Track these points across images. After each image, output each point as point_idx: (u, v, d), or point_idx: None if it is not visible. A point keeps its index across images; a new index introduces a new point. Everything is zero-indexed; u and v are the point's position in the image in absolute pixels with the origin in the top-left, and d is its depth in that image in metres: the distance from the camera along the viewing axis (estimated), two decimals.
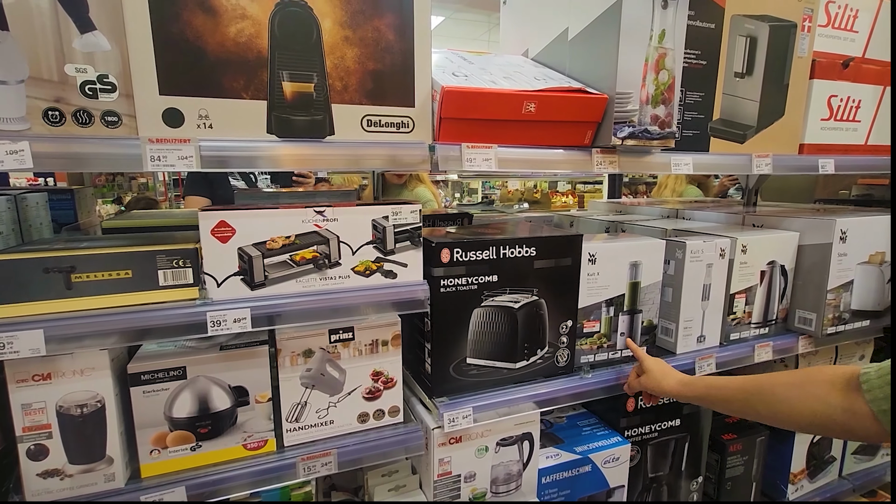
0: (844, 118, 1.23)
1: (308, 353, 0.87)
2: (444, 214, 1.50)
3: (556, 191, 6.85)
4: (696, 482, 1.30)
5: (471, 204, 7.36)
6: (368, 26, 0.78)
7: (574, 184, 6.84)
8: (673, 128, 0.94)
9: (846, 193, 2.35)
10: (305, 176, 2.09)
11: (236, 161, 0.73)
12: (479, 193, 8.69)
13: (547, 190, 6.56)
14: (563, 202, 6.14)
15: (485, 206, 6.87)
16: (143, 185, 7.31)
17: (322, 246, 0.83)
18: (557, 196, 6.49)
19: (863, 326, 1.31)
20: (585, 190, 6.42)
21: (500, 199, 6.66)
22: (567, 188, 6.92)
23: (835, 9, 1.19)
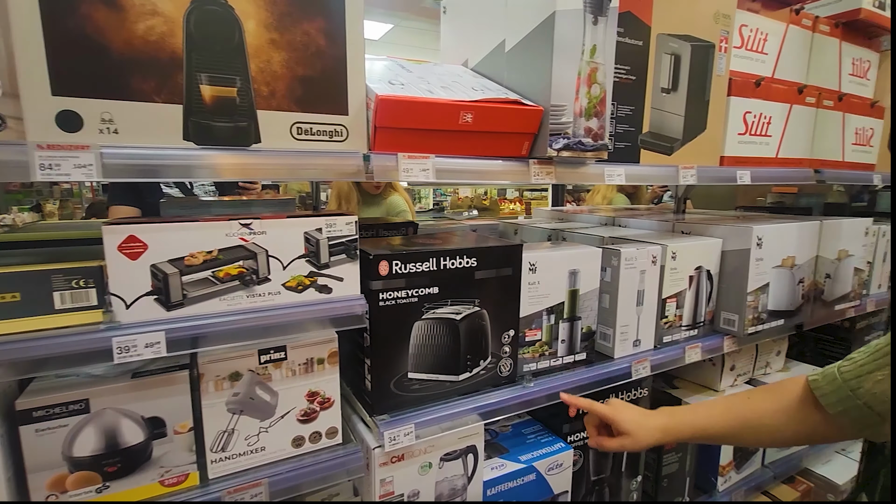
0: (758, 133, 1.33)
1: (235, 375, 0.81)
2: (387, 224, 1.47)
3: (505, 198, 7.00)
4: (636, 481, 1.35)
5: (422, 211, 7.35)
6: (297, 30, 0.74)
7: (522, 191, 7.02)
8: (605, 140, 0.97)
9: (763, 200, 2.56)
10: (252, 183, 1.98)
11: (148, 171, 0.67)
12: (431, 200, 8.71)
13: (496, 197, 6.68)
14: (511, 209, 6.27)
15: (435, 214, 6.89)
16: (66, 191, 6.68)
17: (249, 261, 0.78)
18: (506, 203, 6.63)
19: (779, 325, 1.42)
20: (532, 197, 6.61)
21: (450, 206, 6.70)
22: (515, 195, 7.09)
23: (747, 32, 1.29)
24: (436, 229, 1.71)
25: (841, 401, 0.73)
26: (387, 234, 1.42)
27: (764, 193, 2.56)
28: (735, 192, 2.62)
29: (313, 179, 0.80)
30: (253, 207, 1.44)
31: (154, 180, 0.68)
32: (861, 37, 1.55)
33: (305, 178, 0.78)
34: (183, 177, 0.68)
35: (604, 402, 1.00)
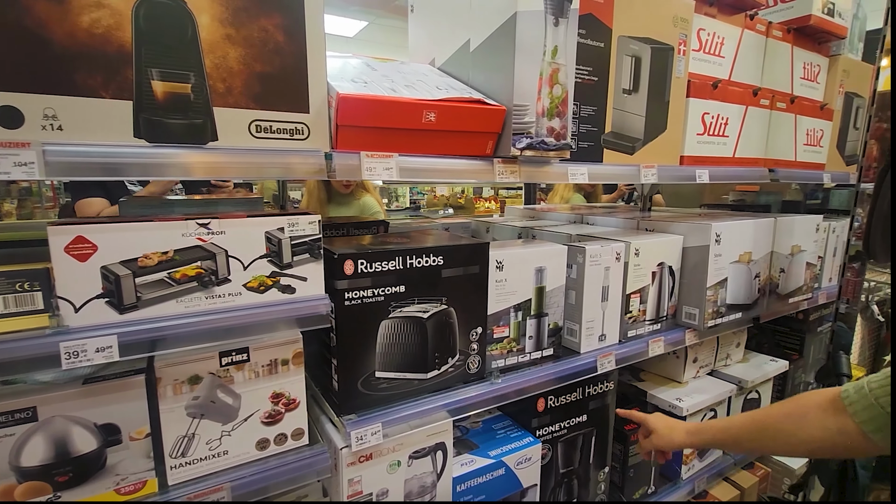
0: (716, 133, 1.38)
1: (195, 379, 0.79)
2: (358, 223, 1.46)
3: (480, 197, 7.04)
4: (604, 472, 1.38)
5: (398, 210, 7.32)
6: (254, 25, 0.73)
7: (497, 190, 7.07)
8: (568, 139, 0.99)
9: (726, 198, 2.66)
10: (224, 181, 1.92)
11: (95, 169, 0.64)
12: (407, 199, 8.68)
13: (471, 196, 6.71)
14: (486, 207, 6.31)
15: (411, 212, 6.87)
16: (24, 189, 6.34)
17: (207, 261, 0.76)
18: (481, 202, 6.67)
19: (737, 318, 1.47)
20: (507, 196, 6.67)
21: (426, 205, 6.69)
22: (490, 194, 7.14)
23: (705, 35, 1.33)
24: (406, 228, 1.71)
25: (866, 409, 0.74)
26: (357, 233, 1.41)
27: (727, 192, 2.66)
28: (702, 190, 2.71)
29: (274, 178, 0.78)
30: (220, 207, 1.40)
31: (102, 178, 0.66)
32: (811, 42, 1.63)
33: (265, 177, 0.76)
34: (134, 175, 0.66)
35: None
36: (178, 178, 0.77)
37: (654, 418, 1.16)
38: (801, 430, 0.84)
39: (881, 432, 0.72)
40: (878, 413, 0.72)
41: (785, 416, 0.88)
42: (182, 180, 1.92)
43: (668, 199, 2.97)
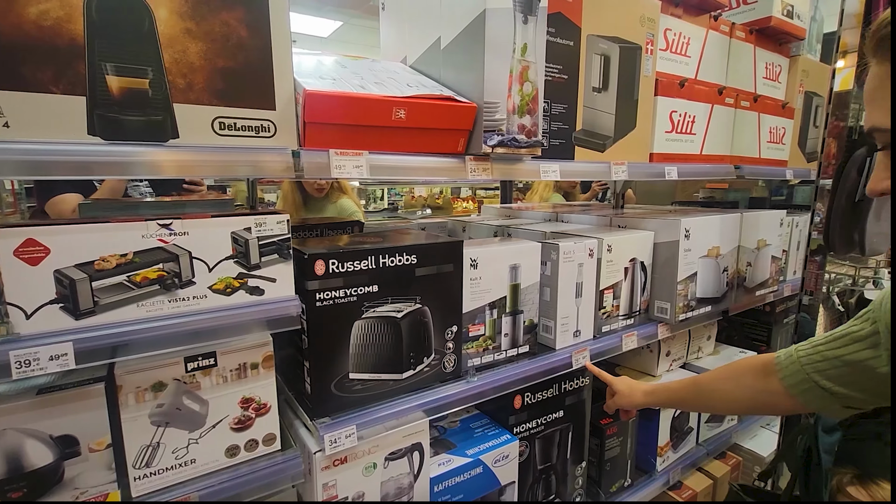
0: (683, 131, 1.41)
1: (158, 386, 0.76)
2: (332, 223, 1.45)
3: (459, 197, 7.05)
4: (581, 467, 1.40)
5: (376, 211, 7.26)
6: (215, 20, 0.71)
7: (475, 190, 7.09)
8: (539, 137, 0.99)
9: (697, 196, 2.74)
10: (197, 183, 1.86)
11: (46, 167, 0.61)
12: (386, 200, 8.62)
13: (450, 196, 6.71)
14: (464, 207, 6.33)
15: (390, 213, 6.83)
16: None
17: (170, 263, 0.73)
18: (459, 202, 6.68)
19: (707, 311, 1.51)
20: (485, 195, 6.70)
21: (404, 205, 6.66)
22: (469, 194, 7.16)
23: (671, 35, 1.36)
24: (382, 228, 1.70)
25: (794, 373, 0.83)
26: (331, 233, 1.39)
27: (698, 189, 2.73)
28: (674, 188, 2.77)
29: (239, 177, 0.76)
30: (188, 208, 1.37)
31: (53, 178, 0.63)
32: (773, 43, 1.68)
33: (230, 175, 0.74)
34: (89, 174, 0.63)
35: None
36: (137, 178, 0.74)
37: (618, 381, 1.26)
38: (735, 389, 0.95)
39: (804, 395, 0.82)
40: (803, 377, 0.82)
41: (722, 378, 0.99)
42: (152, 183, 1.86)
43: (641, 197, 3.04)
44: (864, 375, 0.74)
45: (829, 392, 0.78)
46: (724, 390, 0.98)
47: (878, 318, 0.72)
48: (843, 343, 0.77)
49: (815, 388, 0.80)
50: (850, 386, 0.76)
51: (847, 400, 0.77)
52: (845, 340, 0.77)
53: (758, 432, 2.01)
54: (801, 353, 0.83)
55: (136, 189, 2.01)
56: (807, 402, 0.82)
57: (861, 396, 0.76)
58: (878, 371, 0.72)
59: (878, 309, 0.72)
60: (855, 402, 0.77)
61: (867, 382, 0.74)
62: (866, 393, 0.75)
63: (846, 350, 0.76)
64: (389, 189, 8.45)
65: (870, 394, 0.75)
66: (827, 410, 0.81)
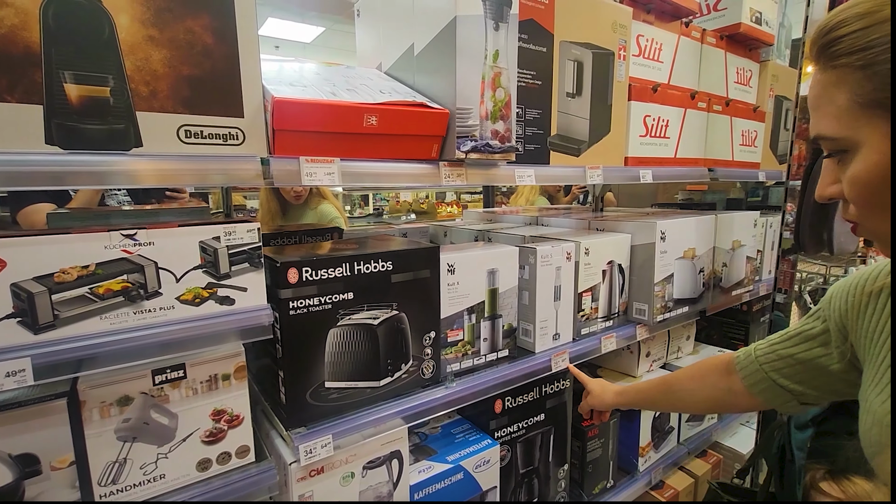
0: (657, 135, 1.43)
1: (124, 400, 0.74)
2: (311, 230, 1.43)
3: (443, 201, 7.06)
4: (563, 469, 1.40)
5: (361, 216, 7.24)
6: (179, 27, 0.70)
7: (459, 194, 7.12)
8: (513, 142, 1.00)
9: (677, 197, 2.78)
10: (179, 191, 1.82)
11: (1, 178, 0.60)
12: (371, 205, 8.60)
13: (434, 200, 6.72)
14: (448, 212, 6.34)
15: (375, 219, 6.80)
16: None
17: (135, 275, 0.72)
18: (444, 206, 6.69)
19: (684, 312, 1.53)
20: (470, 199, 6.73)
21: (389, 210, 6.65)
22: (453, 198, 7.18)
23: (644, 41, 1.39)
24: (361, 234, 1.69)
25: (753, 373, 0.84)
26: (310, 240, 1.38)
27: (678, 191, 2.78)
28: (654, 190, 2.82)
29: (207, 185, 0.75)
30: (161, 217, 1.34)
31: (9, 189, 0.61)
32: (743, 48, 1.72)
33: (197, 183, 0.73)
34: (46, 184, 0.61)
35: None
36: (99, 187, 0.72)
37: (592, 382, 1.30)
38: (700, 389, 0.96)
39: (764, 394, 0.83)
40: (762, 376, 0.83)
41: (688, 378, 1.01)
42: (132, 192, 1.83)
43: (621, 199, 3.08)
44: (816, 373, 0.76)
45: (785, 389, 0.80)
46: (689, 390, 0.99)
47: (828, 315, 0.74)
48: (796, 342, 0.79)
49: (773, 386, 0.81)
50: (804, 383, 0.78)
51: (802, 396, 0.79)
52: (798, 339, 0.78)
53: (738, 430, 2.05)
54: (759, 352, 0.85)
55: (113, 198, 1.97)
56: (766, 399, 0.83)
57: (815, 393, 0.78)
58: (829, 369, 0.74)
59: (828, 307, 0.74)
60: (810, 399, 0.79)
61: (819, 379, 0.76)
62: (819, 390, 0.77)
63: (799, 349, 0.78)
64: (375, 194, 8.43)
65: (822, 391, 0.77)
66: (785, 407, 0.82)
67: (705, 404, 0.98)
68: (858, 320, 0.66)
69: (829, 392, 0.76)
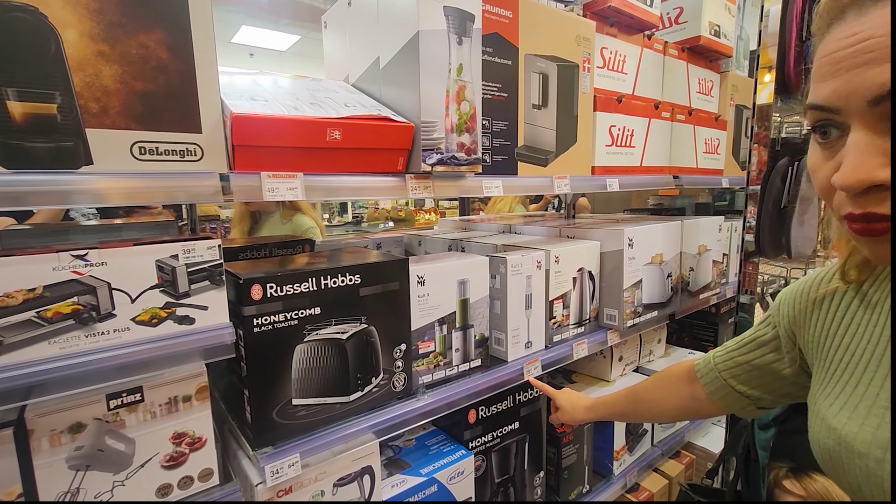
0: (623, 144, 1.47)
1: (77, 427, 0.71)
2: (282, 242, 1.41)
3: (421, 209, 7.07)
4: (539, 477, 1.41)
5: (340, 225, 7.17)
6: (131, 42, 0.68)
7: (437, 202, 7.14)
8: (479, 154, 1.01)
9: (649, 202, 2.85)
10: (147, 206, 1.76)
11: None
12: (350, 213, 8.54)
13: (412, 208, 6.72)
14: (426, 219, 6.34)
15: (353, 227, 6.75)
16: None
17: (86, 296, 0.69)
18: (421, 214, 6.69)
19: (654, 316, 1.57)
20: (447, 207, 6.75)
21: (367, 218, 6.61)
22: (431, 206, 7.19)
23: (608, 53, 1.42)
24: (334, 245, 1.67)
25: (713, 380, 0.85)
26: (281, 253, 1.36)
27: (649, 196, 2.85)
28: (627, 196, 2.89)
29: (165, 202, 0.73)
30: (124, 232, 1.30)
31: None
32: (703, 60, 1.79)
33: (153, 201, 0.71)
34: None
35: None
36: (48, 207, 0.69)
37: (560, 395, 1.26)
38: (666, 399, 0.97)
39: (724, 400, 0.84)
40: (721, 383, 0.83)
41: (653, 388, 1.02)
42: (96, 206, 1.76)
43: (596, 205, 3.14)
44: (770, 378, 0.77)
45: (743, 395, 0.81)
46: (656, 400, 1.00)
47: (777, 322, 0.75)
48: (750, 348, 0.80)
49: (731, 392, 0.82)
50: (759, 388, 0.79)
51: (759, 401, 0.80)
52: (752, 346, 0.79)
53: (710, 430, 2.09)
54: (717, 359, 0.85)
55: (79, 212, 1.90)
56: (726, 405, 0.84)
57: (770, 397, 0.79)
58: (782, 373, 0.75)
59: (777, 313, 0.75)
60: (766, 403, 0.80)
61: (773, 384, 0.77)
62: (774, 394, 0.78)
63: (752, 355, 0.79)
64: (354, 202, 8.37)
65: (777, 394, 0.78)
66: (743, 412, 0.83)
67: (673, 412, 0.97)
68: (805, 327, 0.68)
69: (783, 395, 0.77)
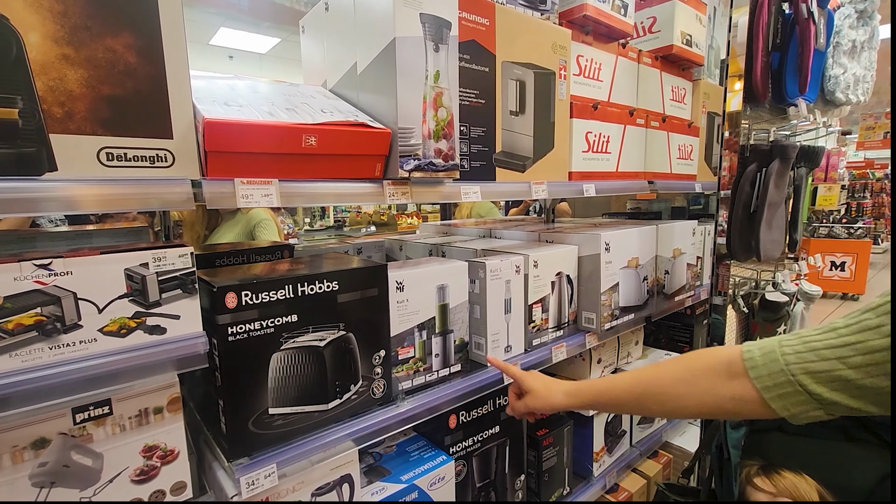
0: (599, 150, 1.49)
1: (40, 443, 0.69)
2: (262, 249, 1.39)
3: (404, 213, 7.05)
4: (520, 480, 1.41)
5: (321, 229, 7.10)
6: (98, 45, 0.67)
7: (419, 206, 7.15)
8: (456, 160, 1.02)
9: (628, 206, 2.91)
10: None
11: None
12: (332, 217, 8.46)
13: (394, 212, 6.71)
14: (408, 223, 6.34)
15: (336, 231, 6.70)
16: None
17: (50, 307, 0.67)
18: (404, 218, 6.68)
19: (631, 319, 1.59)
20: (430, 211, 6.75)
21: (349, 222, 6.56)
22: (413, 209, 7.19)
23: (584, 61, 1.45)
24: (313, 251, 1.65)
25: (773, 375, 0.67)
26: (259, 259, 1.34)
27: (628, 200, 2.91)
28: (607, 200, 2.94)
29: (135, 209, 0.72)
30: (94, 239, 1.26)
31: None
32: (676, 68, 1.84)
33: (121, 208, 0.69)
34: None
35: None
36: (9, 215, 0.67)
37: (529, 377, 1.04)
38: (691, 394, 0.78)
39: (782, 401, 0.67)
40: (786, 379, 0.66)
41: (674, 380, 0.81)
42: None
43: (577, 209, 3.19)
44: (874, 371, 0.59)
45: (816, 399, 0.64)
46: (675, 395, 0.80)
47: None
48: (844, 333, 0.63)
49: (799, 393, 0.65)
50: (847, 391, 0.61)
51: (833, 408, 0.64)
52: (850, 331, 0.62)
53: (686, 429, 2.14)
54: (787, 348, 0.67)
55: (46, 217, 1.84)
56: (785, 408, 0.67)
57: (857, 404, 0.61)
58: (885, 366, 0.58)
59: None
60: (840, 410, 0.64)
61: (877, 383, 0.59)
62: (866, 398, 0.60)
63: (853, 339, 0.61)
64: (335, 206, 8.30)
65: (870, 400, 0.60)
66: (803, 418, 0.66)
67: (697, 410, 0.78)
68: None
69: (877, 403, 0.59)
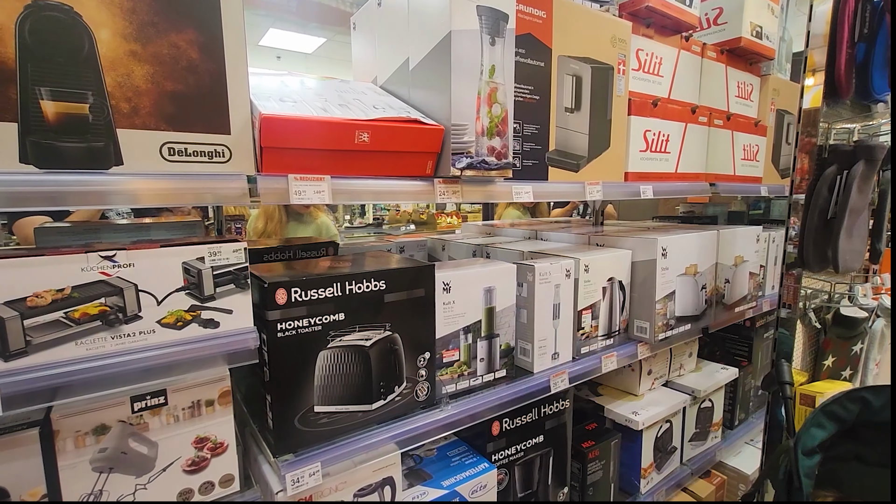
0: (658, 150, 1.41)
1: (101, 429, 0.71)
2: (306, 245, 1.41)
3: (443, 212, 7.04)
4: (563, 493, 1.36)
5: (360, 227, 7.21)
6: (163, 42, 0.68)
7: (459, 205, 7.11)
8: (510, 158, 0.98)
9: (679, 209, 2.76)
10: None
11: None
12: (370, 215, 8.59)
13: (434, 211, 6.71)
14: (448, 223, 6.32)
15: (375, 229, 6.78)
16: None
17: (113, 297, 0.69)
18: (443, 217, 6.67)
19: (686, 329, 1.50)
20: (469, 210, 6.71)
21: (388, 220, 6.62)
22: (453, 209, 7.16)
23: (644, 56, 1.37)
24: (357, 249, 1.66)
25: None
26: (305, 255, 1.35)
27: (679, 203, 2.76)
28: (655, 202, 2.80)
29: (192, 204, 0.73)
30: (153, 232, 1.31)
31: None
32: (743, 62, 1.71)
33: (180, 203, 0.70)
34: (20, 206, 0.58)
35: None
36: (78, 207, 0.69)
37: None
38: None
39: None
40: None
41: None
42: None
43: (622, 211, 3.06)
44: None
45: None
46: None
47: None
48: None
49: None
50: None
51: None
52: None
53: (742, 448, 1.99)
54: None
55: (114, 210, 1.94)
56: None
57: None
58: None
59: None
60: None
61: None
62: None
63: None
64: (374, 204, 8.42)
65: None
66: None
67: None
68: None
69: None
